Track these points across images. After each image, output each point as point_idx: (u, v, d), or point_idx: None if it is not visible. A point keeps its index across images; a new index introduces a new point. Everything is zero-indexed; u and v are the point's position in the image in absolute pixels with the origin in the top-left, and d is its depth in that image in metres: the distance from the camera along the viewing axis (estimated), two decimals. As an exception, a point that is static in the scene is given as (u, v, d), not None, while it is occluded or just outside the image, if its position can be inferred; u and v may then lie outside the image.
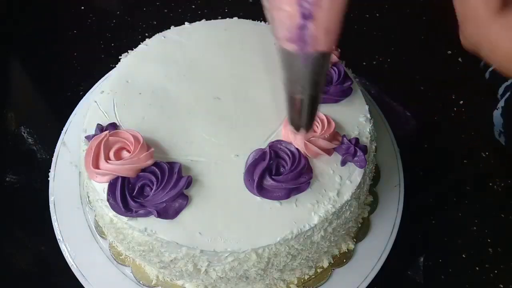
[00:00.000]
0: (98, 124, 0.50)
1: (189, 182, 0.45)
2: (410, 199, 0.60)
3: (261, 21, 0.60)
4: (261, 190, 0.45)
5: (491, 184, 0.67)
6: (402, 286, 0.59)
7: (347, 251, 0.55)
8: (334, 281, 0.54)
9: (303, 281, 0.53)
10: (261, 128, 0.50)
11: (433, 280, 0.59)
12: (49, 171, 0.60)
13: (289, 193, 0.46)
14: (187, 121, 0.51)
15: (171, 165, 0.45)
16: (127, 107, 0.52)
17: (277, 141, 0.48)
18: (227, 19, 0.62)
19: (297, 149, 0.47)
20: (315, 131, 0.48)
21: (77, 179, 0.59)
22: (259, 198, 0.45)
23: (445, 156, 0.70)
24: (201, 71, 0.55)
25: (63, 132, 0.63)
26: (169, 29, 0.59)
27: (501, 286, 0.59)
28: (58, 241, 0.55)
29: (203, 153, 0.48)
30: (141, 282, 0.52)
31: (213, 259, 0.44)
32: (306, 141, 0.46)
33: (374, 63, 0.79)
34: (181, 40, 0.58)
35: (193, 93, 0.53)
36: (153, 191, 0.44)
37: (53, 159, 0.61)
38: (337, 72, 0.53)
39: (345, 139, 0.49)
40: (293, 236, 0.44)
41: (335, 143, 0.48)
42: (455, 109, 0.74)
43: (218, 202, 0.45)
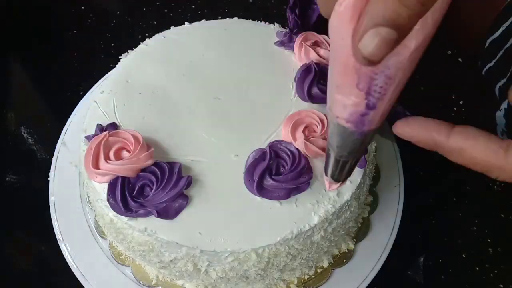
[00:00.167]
0: (98, 124, 0.50)
1: (189, 182, 0.45)
2: (410, 199, 0.60)
3: (261, 21, 0.60)
4: (261, 190, 0.45)
5: (491, 184, 0.67)
6: (402, 286, 0.59)
7: (347, 251, 0.55)
8: (334, 281, 0.54)
9: (303, 281, 0.53)
10: (261, 128, 0.50)
11: (433, 280, 0.59)
12: (49, 171, 0.60)
13: (289, 193, 0.45)
14: (187, 121, 0.51)
15: (171, 165, 0.45)
16: (127, 107, 0.52)
17: (277, 141, 0.48)
18: (227, 19, 0.62)
19: (297, 149, 0.47)
20: (315, 131, 0.48)
21: (77, 179, 0.59)
22: (259, 198, 0.45)
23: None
24: (201, 71, 0.55)
25: (63, 132, 0.63)
26: (169, 29, 0.59)
27: (501, 286, 0.59)
28: (58, 241, 0.55)
29: (203, 153, 0.48)
30: (141, 282, 0.52)
31: (213, 259, 0.44)
32: (306, 141, 0.46)
33: (374, 63, 0.79)
34: (181, 40, 0.58)
35: (193, 93, 0.53)
36: (153, 191, 0.44)
37: (53, 159, 0.61)
38: (337, 72, 0.53)
39: (345, 139, 0.49)
40: (293, 236, 0.44)
41: (335, 143, 0.48)
42: (455, 109, 0.74)
43: (218, 202, 0.45)
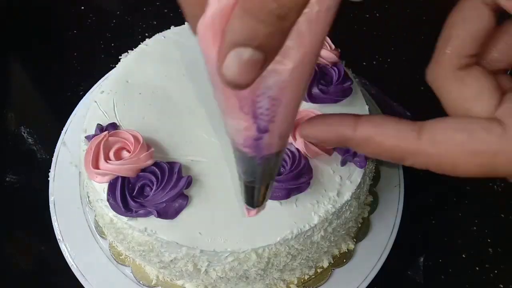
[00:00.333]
0: (98, 124, 0.50)
1: (189, 182, 0.45)
2: (410, 199, 0.60)
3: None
4: (261, 190, 0.45)
5: (491, 184, 0.67)
6: (402, 286, 0.59)
7: (347, 251, 0.55)
8: (334, 281, 0.54)
9: (303, 281, 0.53)
10: (261, 128, 0.50)
11: (433, 280, 0.59)
12: (49, 171, 0.60)
13: (289, 193, 0.45)
14: (187, 121, 0.51)
15: (171, 165, 0.45)
16: (127, 107, 0.52)
17: (277, 141, 0.48)
18: (227, 19, 0.62)
19: (297, 149, 0.47)
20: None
21: (77, 179, 0.59)
22: (259, 198, 0.45)
23: (445, 156, 0.70)
24: (201, 71, 0.54)
25: (63, 132, 0.63)
26: (169, 29, 0.59)
27: (501, 286, 0.59)
28: (58, 241, 0.55)
29: (203, 153, 0.48)
30: (141, 282, 0.52)
31: (213, 259, 0.44)
32: (306, 141, 0.46)
33: (374, 63, 0.79)
34: (181, 40, 0.58)
35: (193, 93, 0.53)
36: (153, 191, 0.44)
37: (53, 159, 0.61)
38: (337, 72, 0.53)
39: (345, 139, 0.49)
40: (293, 236, 0.44)
41: (335, 143, 0.48)
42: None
43: (218, 202, 0.45)
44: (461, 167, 0.24)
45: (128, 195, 0.44)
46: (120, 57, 0.57)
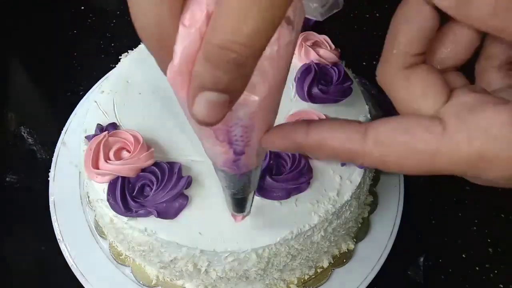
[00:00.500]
0: (98, 124, 0.50)
1: (189, 182, 0.45)
2: (410, 199, 0.60)
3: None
4: (261, 190, 0.45)
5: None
6: (402, 286, 0.59)
7: (347, 251, 0.55)
8: (334, 281, 0.53)
9: (303, 281, 0.53)
10: (261, 128, 0.50)
11: (433, 280, 0.59)
12: (49, 171, 0.60)
13: (289, 193, 0.45)
14: (187, 121, 0.51)
15: (171, 165, 0.45)
16: (127, 107, 0.52)
17: (277, 141, 0.48)
18: (227, 19, 0.61)
19: (297, 149, 0.47)
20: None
21: (77, 179, 0.59)
22: (259, 198, 0.45)
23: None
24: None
25: (63, 132, 0.63)
26: (169, 29, 0.59)
27: (501, 286, 0.59)
28: (58, 241, 0.55)
29: (203, 153, 0.48)
30: (141, 282, 0.52)
31: (213, 259, 0.44)
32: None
33: (374, 63, 0.79)
34: (181, 40, 0.58)
35: (193, 93, 0.53)
36: (153, 191, 0.44)
37: (53, 159, 0.61)
38: (337, 72, 0.53)
39: (345, 139, 0.48)
40: (293, 236, 0.44)
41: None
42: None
43: (218, 202, 0.45)
44: (406, 166, 0.24)
45: (128, 195, 0.44)
46: (120, 57, 0.57)
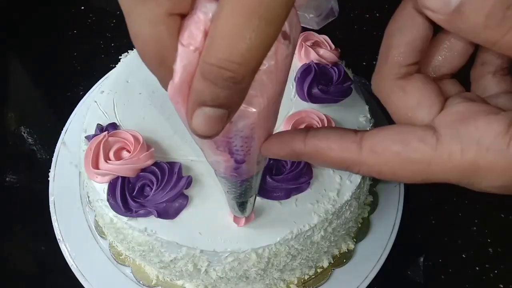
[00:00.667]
0: (98, 124, 0.50)
1: (189, 182, 0.45)
2: (410, 199, 0.60)
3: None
4: (261, 190, 0.45)
5: (491, 184, 0.67)
6: (402, 286, 0.59)
7: (347, 251, 0.55)
8: (334, 281, 0.53)
9: (303, 281, 0.53)
10: (261, 128, 0.50)
11: (433, 280, 0.59)
12: (49, 171, 0.60)
13: (289, 193, 0.45)
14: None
15: (171, 165, 0.45)
16: (127, 107, 0.52)
17: (277, 141, 0.48)
18: (227, 19, 0.61)
19: (297, 149, 0.47)
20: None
21: (77, 179, 0.59)
22: (259, 198, 0.45)
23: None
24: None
25: (63, 132, 0.63)
26: (169, 29, 0.59)
27: (501, 286, 0.59)
28: (58, 241, 0.55)
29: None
30: (141, 282, 0.52)
31: (213, 259, 0.44)
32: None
33: (374, 63, 0.79)
34: (181, 40, 0.58)
35: (193, 93, 0.53)
36: (153, 191, 0.44)
37: (53, 159, 0.61)
38: (337, 72, 0.53)
39: (345, 139, 0.48)
40: (293, 236, 0.44)
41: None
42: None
43: (218, 202, 0.45)
44: (400, 175, 0.24)
45: (128, 195, 0.44)
46: (120, 57, 0.57)
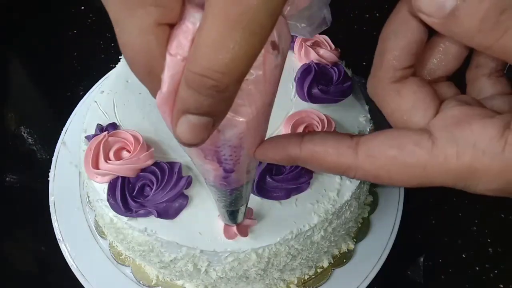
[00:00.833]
0: (98, 124, 0.50)
1: (189, 182, 0.45)
2: (410, 199, 0.60)
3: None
4: (261, 190, 0.45)
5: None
6: (402, 286, 0.59)
7: (347, 251, 0.55)
8: (334, 281, 0.53)
9: (303, 281, 0.53)
10: (261, 128, 0.50)
11: (433, 280, 0.59)
12: (49, 171, 0.60)
13: (289, 193, 0.45)
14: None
15: (171, 165, 0.45)
16: (127, 107, 0.52)
17: (277, 141, 0.48)
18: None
19: (297, 149, 0.47)
20: (315, 131, 0.48)
21: (77, 179, 0.59)
22: (259, 198, 0.45)
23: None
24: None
25: (63, 132, 0.63)
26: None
27: (501, 286, 0.59)
28: (58, 241, 0.55)
29: (203, 153, 0.48)
30: (141, 282, 0.52)
31: (213, 259, 0.44)
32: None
33: (374, 63, 0.79)
34: (181, 40, 0.58)
35: (193, 93, 0.53)
36: (153, 191, 0.44)
37: (53, 159, 0.61)
38: (337, 72, 0.53)
39: (345, 139, 0.48)
40: (293, 236, 0.44)
41: (335, 143, 0.48)
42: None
43: (218, 202, 0.45)
44: (396, 180, 0.24)
45: (128, 195, 0.44)
46: (120, 57, 0.57)
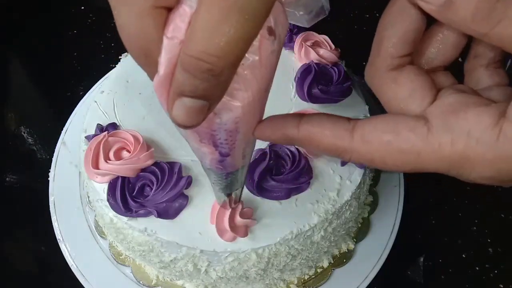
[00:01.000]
0: (98, 124, 0.50)
1: (189, 182, 0.45)
2: (410, 199, 0.60)
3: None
4: (261, 190, 0.45)
5: (491, 184, 0.67)
6: (402, 286, 0.59)
7: (347, 251, 0.55)
8: (334, 281, 0.53)
9: (303, 281, 0.53)
10: (261, 128, 0.50)
11: (433, 280, 0.59)
12: (49, 171, 0.60)
13: (289, 193, 0.45)
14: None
15: (171, 165, 0.45)
16: (127, 107, 0.52)
17: (277, 141, 0.48)
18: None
19: (297, 149, 0.47)
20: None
21: (77, 179, 0.59)
22: (259, 198, 0.45)
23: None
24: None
25: (63, 132, 0.63)
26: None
27: (501, 286, 0.59)
28: (58, 241, 0.55)
29: (203, 153, 0.48)
30: (141, 282, 0.52)
31: (213, 259, 0.44)
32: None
33: (374, 63, 0.79)
34: (181, 40, 0.58)
35: (193, 93, 0.53)
36: (153, 191, 0.44)
37: (53, 159, 0.61)
38: (337, 72, 0.53)
39: (345, 139, 0.48)
40: (293, 236, 0.44)
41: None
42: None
43: (218, 202, 0.45)
44: (390, 164, 0.24)
45: (128, 195, 0.44)
46: (120, 57, 0.57)
